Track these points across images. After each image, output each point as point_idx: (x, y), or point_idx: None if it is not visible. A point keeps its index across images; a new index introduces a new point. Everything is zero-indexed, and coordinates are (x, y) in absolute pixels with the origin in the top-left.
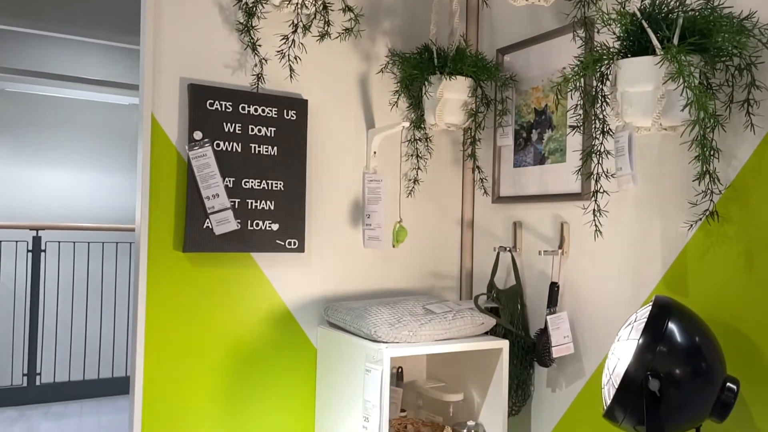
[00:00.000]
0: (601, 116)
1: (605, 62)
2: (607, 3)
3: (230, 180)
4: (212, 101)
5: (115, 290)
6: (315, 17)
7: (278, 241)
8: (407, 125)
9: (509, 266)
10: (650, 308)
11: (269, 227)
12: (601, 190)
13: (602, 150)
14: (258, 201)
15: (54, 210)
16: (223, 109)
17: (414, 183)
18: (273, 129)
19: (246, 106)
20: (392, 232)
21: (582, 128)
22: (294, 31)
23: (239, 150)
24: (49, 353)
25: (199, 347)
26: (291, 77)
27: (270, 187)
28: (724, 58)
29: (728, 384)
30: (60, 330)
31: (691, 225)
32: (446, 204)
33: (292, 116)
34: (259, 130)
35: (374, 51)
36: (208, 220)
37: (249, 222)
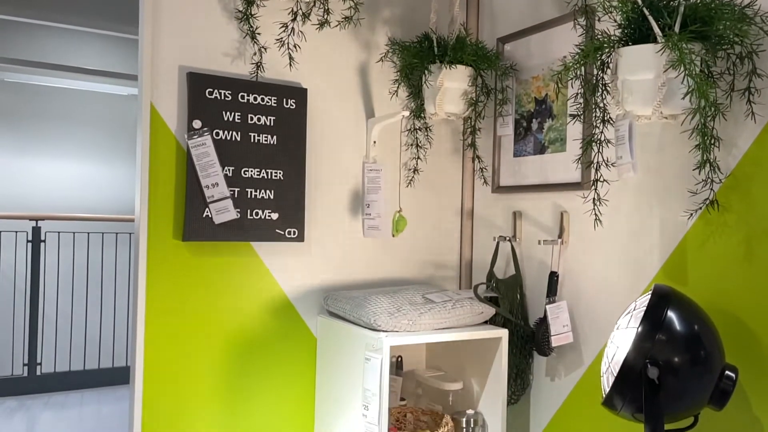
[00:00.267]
0: (602, 105)
1: (606, 50)
2: None
3: (230, 169)
4: (211, 90)
5: (115, 280)
6: (314, 5)
7: (278, 231)
8: (407, 114)
9: (509, 256)
10: (649, 297)
11: (269, 216)
12: (601, 179)
13: (602, 139)
14: (257, 190)
15: (53, 200)
16: (223, 98)
17: (414, 172)
18: (272, 118)
19: (245, 95)
20: (392, 222)
21: (582, 117)
22: (293, 19)
23: (238, 139)
24: (50, 343)
25: (199, 337)
26: (290, 65)
27: (269, 177)
28: (726, 46)
29: (727, 372)
30: (60, 320)
31: (691, 214)
32: (446, 194)
33: (292, 105)
34: (259, 119)
35: (374, 40)
36: (208, 209)
37: (248, 211)
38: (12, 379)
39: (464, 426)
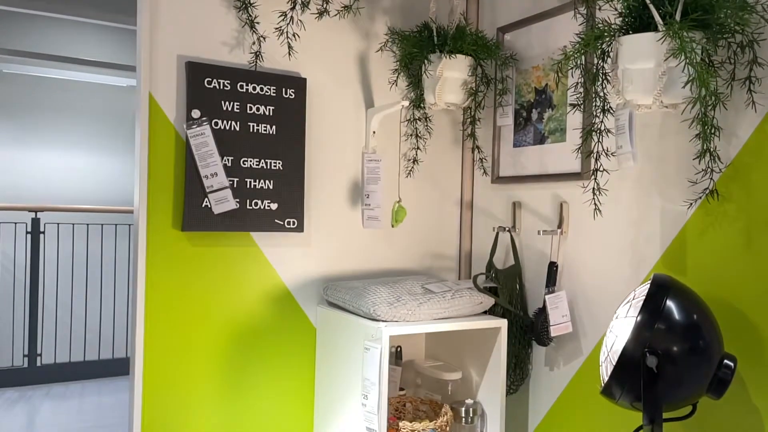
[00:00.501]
0: (602, 94)
1: (606, 39)
2: None
3: (229, 159)
4: (210, 79)
5: (115, 272)
6: None
7: (277, 221)
8: (406, 104)
9: (508, 246)
10: (648, 286)
11: (268, 207)
12: (601, 169)
13: (602, 128)
14: (257, 180)
15: (53, 191)
16: (221, 88)
17: (413, 163)
18: (271, 108)
19: (244, 84)
20: (391, 212)
21: (582, 106)
22: (292, 8)
23: (237, 129)
24: (50, 334)
25: (199, 327)
26: (289, 55)
27: (269, 167)
28: (726, 35)
29: (725, 361)
30: (60, 311)
31: (691, 204)
32: (445, 184)
33: (291, 95)
34: (258, 109)
35: (373, 29)
36: (207, 199)
37: (248, 201)
38: (12, 370)
39: (463, 415)
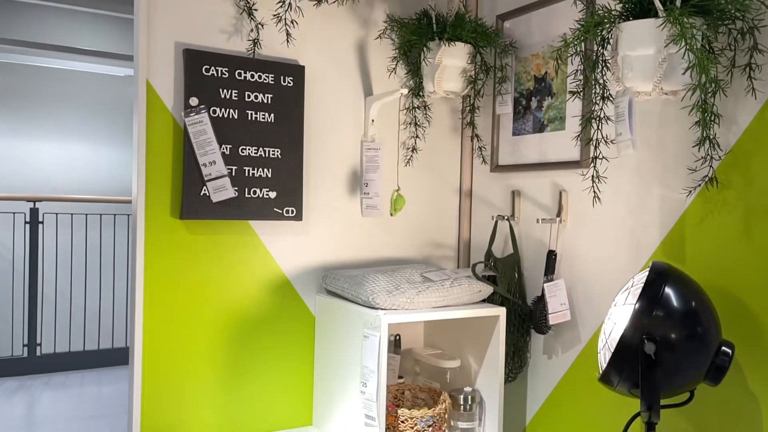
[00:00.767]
0: (602, 81)
1: (606, 25)
2: None
3: (227, 147)
4: (208, 67)
5: (114, 262)
6: None
7: (276, 209)
8: (405, 92)
9: (507, 235)
10: (647, 273)
11: (266, 195)
12: (600, 156)
13: (602, 116)
14: (255, 168)
15: (51, 181)
16: (219, 75)
17: (412, 151)
18: (270, 95)
19: (242, 72)
20: (390, 201)
21: (582, 94)
22: None
23: (236, 117)
24: (49, 324)
25: (198, 316)
26: (288, 42)
27: (267, 155)
28: (727, 21)
29: (723, 348)
30: (59, 301)
31: (690, 191)
32: (444, 173)
33: (289, 82)
34: (256, 97)
35: (372, 16)
36: (205, 188)
37: (246, 189)
38: (12, 360)
39: (461, 403)
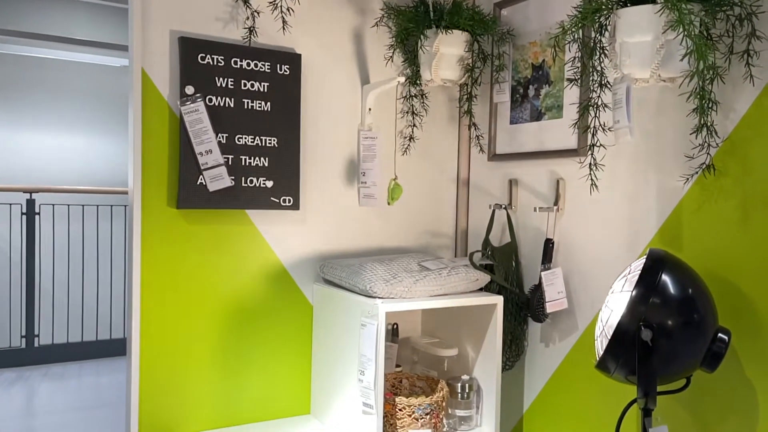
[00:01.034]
0: (599, 68)
1: (604, 12)
2: None
3: (223, 136)
4: (204, 55)
5: (111, 253)
6: None
7: (273, 199)
8: (402, 80)
9: (504, 224)
10: (644, 260)
11: (263, 184)
12: (598, 144)
13: (599, 103)
14: (252, 157)
15: (47, 173)
16: (215, 63)
17: (409, 140)
18: (266, 84)
19: (238, 60)
20: (387, 190)
21: (579, 81)
22: None
23: (232, 105)
24: (47, 315)
25: (195, 305)
26: (284, 29)
27: (264, 144)
28: (725, 8)
29: (720, 335)
30: (57, 292)
31: (687, 179)
32: (442, 162)
33: (286, 71)
34: (252, 85)
35: (368, 4)
36: (202, 177)
37: (243, 179)
38: (10, 351)
39: (459, 391)
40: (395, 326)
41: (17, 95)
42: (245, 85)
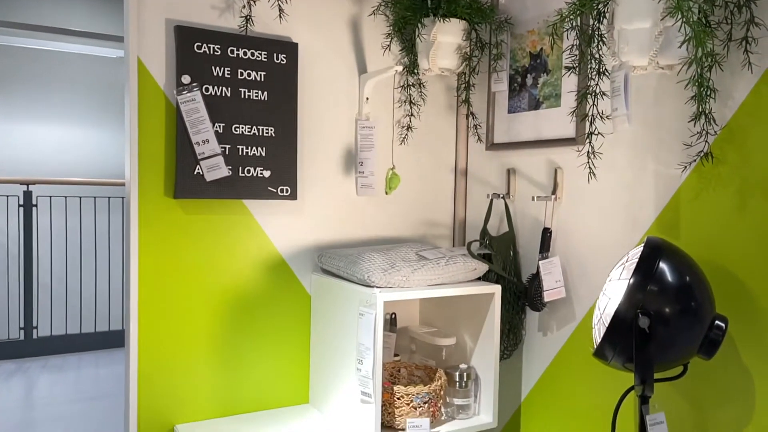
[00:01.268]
0: (597, 56)
1: None
2: None
3: (220, 125)
4: (200, 44)
5: (109, 244)
6: None
7: (270, 188)
8: (400, 69)
9: (502, 213)
10: (642, 248)
11: (261, 174)
12: (596, 132)
13: (597, 91)
14: (249, 147)
15: (44, 164)
16: (212, 52)
17: (407, 130)
18: (263, 73)
19: (234, 49)
20: (385, 180)
21: (578, 69)
22: None
23: (228, 95)
24: (45, 307)
25: (193, 296)
26: (280, 18)
27: (261, 133)
28: None
29: (717, 322)
30: (55, 284)
31: (685, 167)
32: (439, 151)
33: (282, 60)
34: (249, 74)
35: None
36: (199, 167)
37: (240, 168)
38: (9, 343)
39: (457, 380)
40: (393, 315)
41: (13, 87)
42: (242, 75)
